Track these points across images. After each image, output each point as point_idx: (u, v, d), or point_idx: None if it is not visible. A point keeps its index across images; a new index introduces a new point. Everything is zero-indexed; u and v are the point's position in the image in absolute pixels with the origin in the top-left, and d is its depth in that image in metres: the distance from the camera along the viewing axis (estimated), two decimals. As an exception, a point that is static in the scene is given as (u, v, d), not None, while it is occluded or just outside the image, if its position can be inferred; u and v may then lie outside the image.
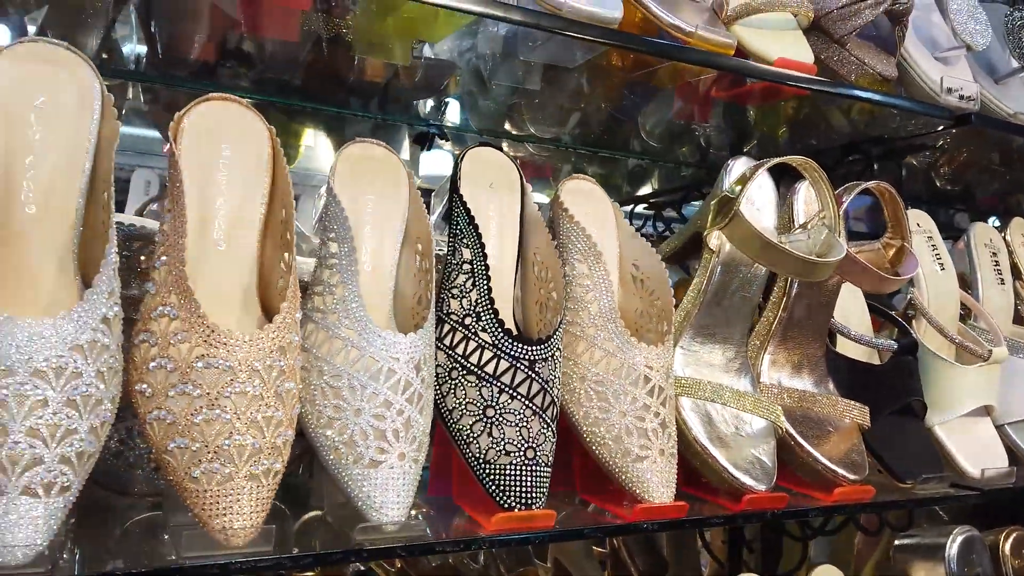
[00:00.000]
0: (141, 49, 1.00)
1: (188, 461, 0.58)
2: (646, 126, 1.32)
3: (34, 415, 0.52)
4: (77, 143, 0.62)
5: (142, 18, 0.93)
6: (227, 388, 0.58)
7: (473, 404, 0.72)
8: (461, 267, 0.77)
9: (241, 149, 0.69)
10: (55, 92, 0.62)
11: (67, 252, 0.61)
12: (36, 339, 0.53)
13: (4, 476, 0.51)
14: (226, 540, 0.57)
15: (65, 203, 0.61)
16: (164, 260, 0.61)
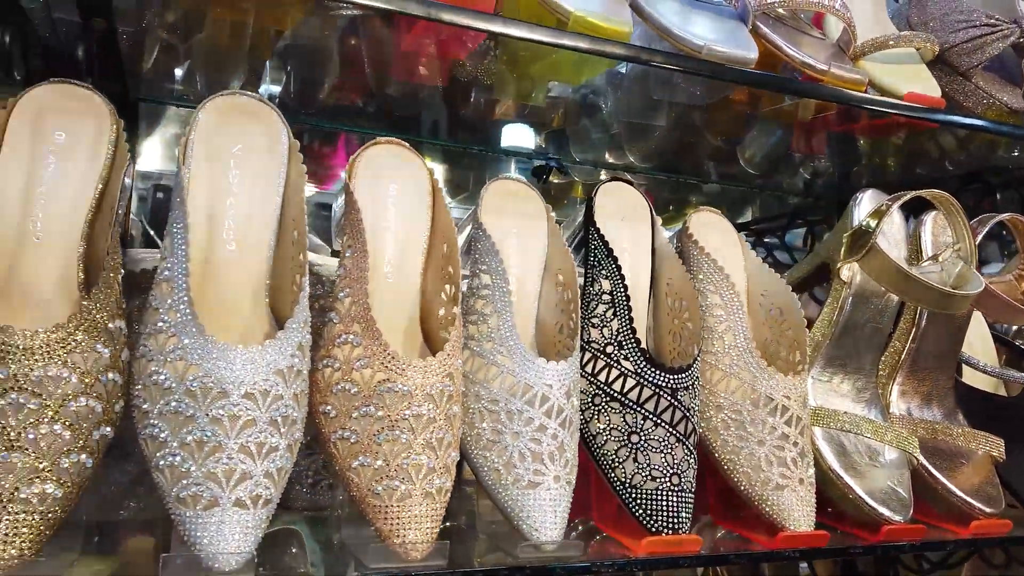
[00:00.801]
0: (274, 89, 1.07)
1: (371, 478, 0.62)
2: (753, 156, 1.34)
3: (244, 433, 0.57)
4: (269, 186, 0.68)
5: (281, 63, 1.01)
6: (405, 411, 0.63)
7: (617, 430, 0.75)
8: (600, 297, 0.81)
9: (406, 188, 0.75)
10: (250, 139, 0.68)
11: (260, 284, 0.67)
12: (248, 364, 0.58)
13: (219, 488, 0.56)
14: (406, 554, 0.61)
15: (260, 240, 0.67)
16: (347, 292, 0.66)
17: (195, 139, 0.66)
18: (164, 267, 0.61)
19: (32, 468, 0.52)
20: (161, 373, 0.58)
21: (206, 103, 0.67)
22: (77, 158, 0.64)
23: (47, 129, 0.63)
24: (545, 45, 0.69)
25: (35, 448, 0.52)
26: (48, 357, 0.54)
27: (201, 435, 0.56)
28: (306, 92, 1.05)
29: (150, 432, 0.58)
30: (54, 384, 0.54)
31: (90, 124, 0.64)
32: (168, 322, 0.59)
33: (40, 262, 0.61)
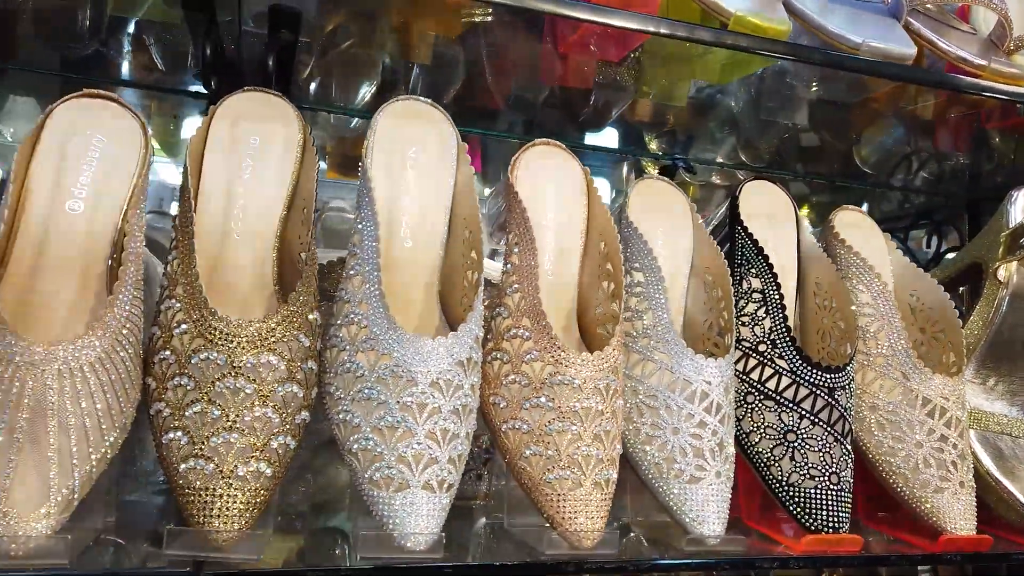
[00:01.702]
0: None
1: (543, 467, 0.65)
2: (873, 154, 1.31)
3: (431, 420, 0.61)
4: (441, 185, 0.71)
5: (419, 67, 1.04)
6: (575, 403, 0.65)
7: (772, 428, 0.75)
8: (750, 296, 0.81)
9: (562, 187, 0.77)
10: (424, 142, 0.71)
11: (433, 279, 0.70)
12: (434, 355, 0.61)
13: (409, 472, 0.59)
14: (578, 541, 0.63)
15: (433, 237, 0.70)
16: (516, 287, 0.69)
17: (374, 142, 0.69)
18: (353, 263, 0.64)
19: (248, 448, 0.56)
20: (353, 362, 0.62)
21: (385, 108, 0.71)
22: (270, 161, 0.68)
23: (243, 134, 0.68)
24: (709, 45, 0.70)
25: (250, 429, 0.57)
26: (260, 345, 0.58)
27: (392, 420, 0.60)
28: (439, 96, 1.09)
29: (343, 417, 0.62)
30: (265, 370, 0.58)
31: (281, 129, 0.69)
32: (360, 314, 0.62)
33: (239, 258, 0.66)
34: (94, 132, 0.64)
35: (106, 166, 0.63)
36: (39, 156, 0.62)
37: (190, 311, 0.58)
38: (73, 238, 0.61)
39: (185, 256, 0.60)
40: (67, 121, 0.63)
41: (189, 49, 0.93)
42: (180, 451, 0.56)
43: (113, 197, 0.63)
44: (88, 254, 0.62)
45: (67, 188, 0.62)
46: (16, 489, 0.51)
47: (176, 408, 0.57)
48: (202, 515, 0.55)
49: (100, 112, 0.64)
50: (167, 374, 0.58)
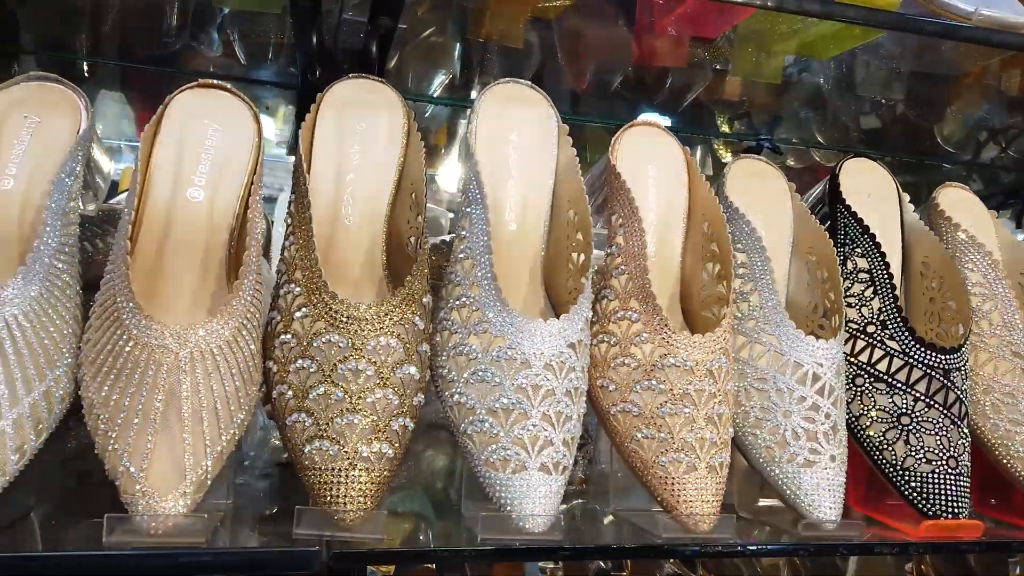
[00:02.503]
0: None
1: (656, 450, 0.64)
2: (959, 130, 1.26)
3: (545, 403, 0.60)
4: (543, 168, 0.71)
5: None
6: (688, 386, 0.64)
7: (884, 411, 0.73)
8: (856, 276, 0.79)
9: (663, 168, 0.76)
10: (525, 125, 0.71)
11: (536, 262, 0.70)
12: (547, 337, 0.61)
13: (526, 454, 0.59)
14: (695, 525, 0.63)
15: (536, 220, 0.70)
16: (623, 269, 0.68)
17: (478, 126, 0.69)
18: (464, 246, 0.65)
19: (371, 429, 0.57)
20: (465, 344, 0.62)
21: (486, 91, 0.71)
22: (377, 147, 0.69)
23: (350, 120, 0.69)
24: (817, 17, 0.68)
25: (372, 411, 0.57)
26: (380, 328, 0.58)
27: (507, 402, 0.60)
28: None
29: (457, 399, 0.62)
30: (385, 353, 0.58)
31: (385, 115, 0.69)
32: (472, 297, 0.63)
33: (350, 243, 0.67)
34: (209, 122, 0.65)
35: (222, 154, 0.65)
36: (159, 146, 0.63)
37: (310, 295, 0.59)
38: (194, 225, 0.63)
39: (304, 242, 0.61)
40: (183, 111, 0.65)
41: (271, 40, 0.95)
42: (305, 432, 0.57)
43: (230, 185, 0.64)
44: (208, 240, 0.63)
45: (187, 176, 0.63)
46: (153, 470, 0.53)
47: (299, 391, 0.58)
48: (329, 495, 0.56)
49: (213, 101, 0.66)
50: (288, 357, 0.59)
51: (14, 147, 0.62)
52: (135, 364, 0.54)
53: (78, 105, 0.65)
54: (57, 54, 1.04)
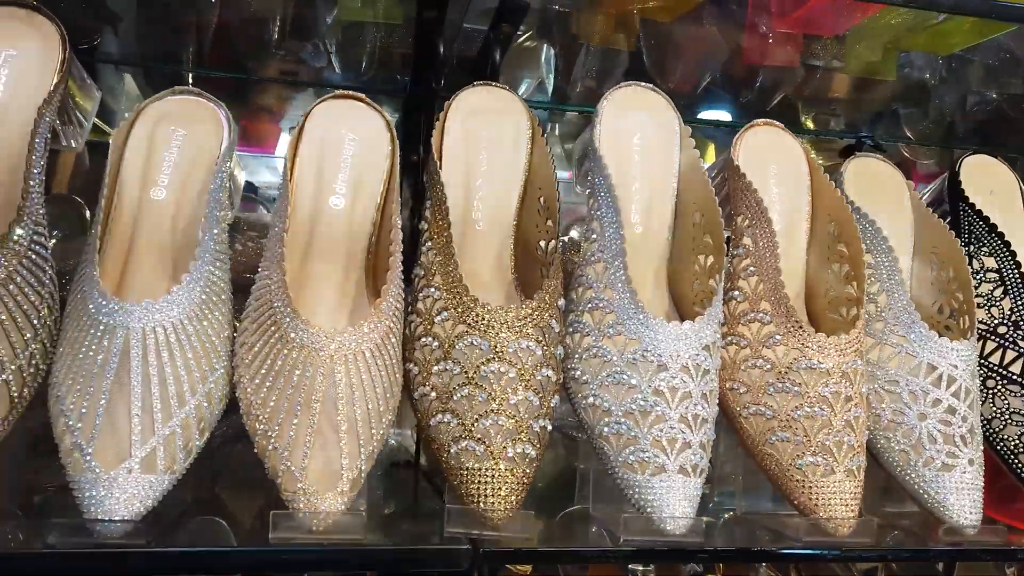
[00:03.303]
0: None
1: (792, 454, 0.63)
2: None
3: (683, 405, 0.61)
4: (667, 170, 0.71)
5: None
6: (823, 388, 0.64)
7: (1020, 414, 0.71)
8: (984, 275, 0.77)
9: (784, 168, 0.75)
10: (648, 128, 0.72)
11: (662, 264, 0.71)
12: (682, 339, 0.61)
13: (664, 456, 0.60)
14: (834, 529, 0.62)
15: (661, 222, 0.71)
16: (753, 271, 0.68)
17: (602, 130, 0.70)
18: (594, 249, 0.65)
19: (514, 430, 0.58)
20: (599, 347, 0.63)
21: (609, 95, 0.71)
22: (504, 152, 0.70)
23: (477, 127, 0.70)
24: (940, 11, 0.67)
25: (515, 412, 0.58)
26: (520, 332, 0.59)
27: (645, 405, 0.60)
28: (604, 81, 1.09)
29: (591, 401, 0.63)
30: (525, 355, 0.59)
31: (511, 121, 0.70)
32: (605, 300, 0.63)
33: (480, 248, 0.68)
34: (347, 131, 0.67)
35: (360, 162, 0.67)
36: (302, 155, 0.65)
37: (450, 299, 0.60)
38: (336, 231, 0.65)
39: (442, 247, 0.62)
40: (322, 122, 0.67)
41: (369, 48, 0.96)
42: (450, 433, 0.58)
43: (369, 192, 0.66)
44: (349, 246, 0.65)
45: (329, 185, 0.66)
46: (312, 469, 0.55)
47: (443, 392, 0.59)
48: (477, 494, 0.57)
49: (349, 112, 0.68)
50: (430, 359, 0.61)
51: (165, 159, 0.65)
52: (292, 367, 0.56)
53: (220, 118, 0.67)
54: (161, 65, 1.08)
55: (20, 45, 0.61)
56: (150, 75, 1.10)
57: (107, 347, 0.53)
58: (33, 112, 0.60)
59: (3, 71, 0.60)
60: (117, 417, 0.52)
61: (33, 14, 0.61)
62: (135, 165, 0.64)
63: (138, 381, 0.53)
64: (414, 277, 0.65)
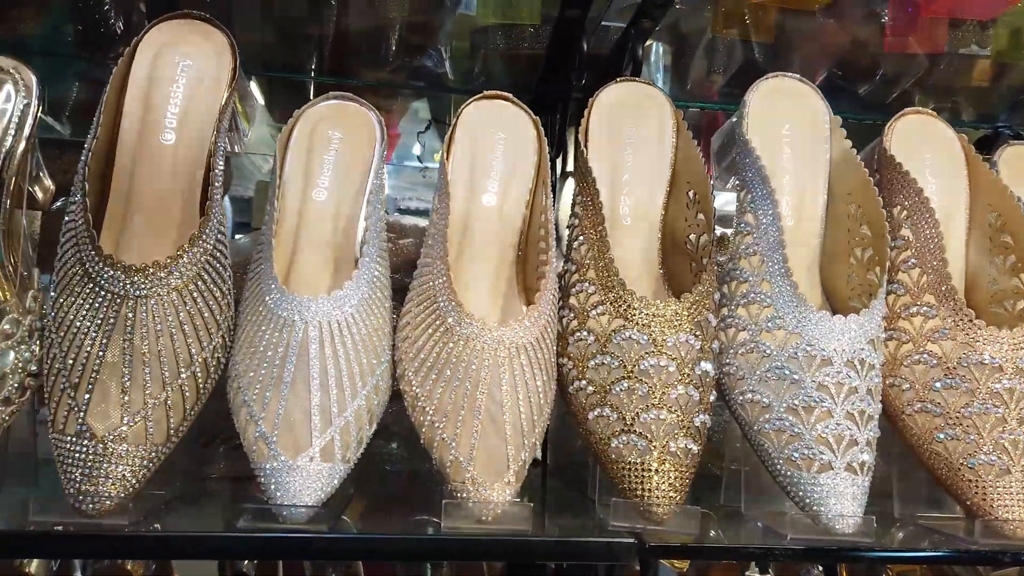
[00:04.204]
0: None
1: (962, 452, 0.61)
2: None
3: (849, 400, 0.59)
4: (818, 162, 0.70)
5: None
6: (996, 384, 0.61)
7: None
8: None
9: (938, 157, 0.73)
10: (795, 119, 0.70)
11: (814, 259, 0.69)
12: (847, 333, 0.60)
13: (831, 453, 0.58)
14: (1011, 531, 0.59)
15: (813, 215, 0.70)
16: (914, 263, 0.66)
17: (750, 122, 0.69)
18: (748, 242, 0.64)
19: (675, 424, 0.58)
20: (757, 341, 0.62)
21: (756, 86, 0.70)
22: (648, 147, 0.70)
23: (620, 123, 0.70)
24: None
25: (676, 406, 0.58)
26: (678, 325, 0.59)
27: (808, 400, 0.59)
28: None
29: (749, 397, 0.61)
30: (684, 349, 0.59)
31: (654, 115, 0.70)
32: (762, 293, 0.62)
33: (627, 243, 0.68)
34: (496, 131, 0.68)
35: (509, 161, 0.68)
36: (455, 156, 0.67)
37: (607, 293, 0.61)
38: (489, 229, 0.66)
39: (597, 242, 0.62)
40: (472, 123, 0.68)
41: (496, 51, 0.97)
42: (610, 427, 0.59)
43: (518, 190, 0.67)
44: (501, 244, 0.66)
45: (481, 183, 0.67)
46: (479, 459, 0.56)
47: (600, 386, 0.59)
48: (640, 488, 0.57)
49: (497, 111, 0.69)
50: (585, 354, 0.61)
51: (324, 162, 0.68)
52: (457, 360, 0.57)
53: (372, 121, 0.69)
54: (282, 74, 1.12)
55: (195, 55, 0.64)
56: (273, 82, 1.15)
57: (286, 340, 0.55)
58: (207, 118, 0.64)
59: (181, 79, 0.64)
60: (297, 408, 0.55)
61: (206, 25, 0.65)
62: (297, 167, 0.67)
63: (316, 373, 0.55)
64: (564, 272, 0.66)
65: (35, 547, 0.54)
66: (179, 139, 0.63)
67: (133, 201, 0.62)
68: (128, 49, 0.63)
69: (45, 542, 0.50)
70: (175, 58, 0.64)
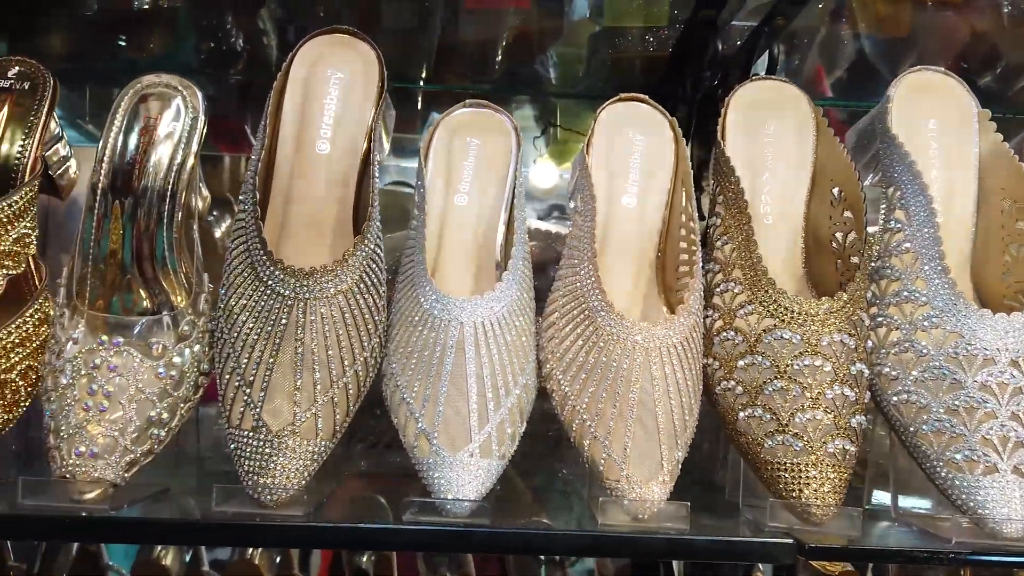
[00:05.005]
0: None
1: None
2: None
3: (1013, 401, 0.57)
4: (965, 157, 0.68)
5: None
6: None
7: None
8: None
9: None
10: (944, 113, 0.69)
11: (964, 256, 0.67)
12: (1011, 332, 0.57)
13: (996, 455, 0.56)
14: None
15: (964, 211, 0.67)
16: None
17: (895, 117, 0.67)
18: (900, 239, 0.63)
19: (832, 425, 0.57)
20: (911, 341, 0.60)
21: (900, 80, 0.69)
22: (787, 145, 0.69)
23: (757, 121, 0.70)
24: None
25: (832, 407, 0.57)
26: (833, 325, 0.58)
27: (970, 401, 0.57)
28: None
29: (904, 398, 0.60)
30: (839, 349, 0.58)
31: (791, 113, 0.70)
32: (916, 292, 0.61)
33: (769, 242, 0.68)
34: (634, 132, 0.69)
35: (647, 162, 0.68)
36: (594, 157, 0.68)
37: (755, 293, 0.60)
38: (629, 229, 0.67)
39: (744, 241, 0.62)
40: (610, 124, 0.69)
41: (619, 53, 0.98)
42: (763, 427, 0.58)
43: (657, 191, 0.67)
44: (641, 244, 0.67)
45: (621, 185, 0.68)
46: (633, 457, 0.56)
47: (751, 386, 0.59)
48: (796, 489, 0.56)
49: (634, 112, 0.69)
50: (733, 354, 0.61)
51: (464, 168, 0.70)
52: (608, 359, 0.57)
53: (508, 127, 0.71)
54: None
55: (344, 67, 0.67)
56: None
57: (443, 340, 0.57)
58: (357, 127, 0.66)
59: (334, 91, 0.67)
60: (456, 406, 0.56)
61: (354, 39, 0.68)
62: (438, 174, 0.69)
63: (472, 371, 0.57)
64: (705, 272, 0.65)
65: (215, 536, 0.57)
66: (333, 148, 0.66)
67: (291, 207, 0.65)
68: (284, 64, 0.66)
69: (223, 532, 0.53)
70: (327, 71, 0.67)
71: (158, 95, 0.66)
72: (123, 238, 0.62)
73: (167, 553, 1.10)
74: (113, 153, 0.63)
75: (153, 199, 0.62)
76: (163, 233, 0.62)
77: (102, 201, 0.62)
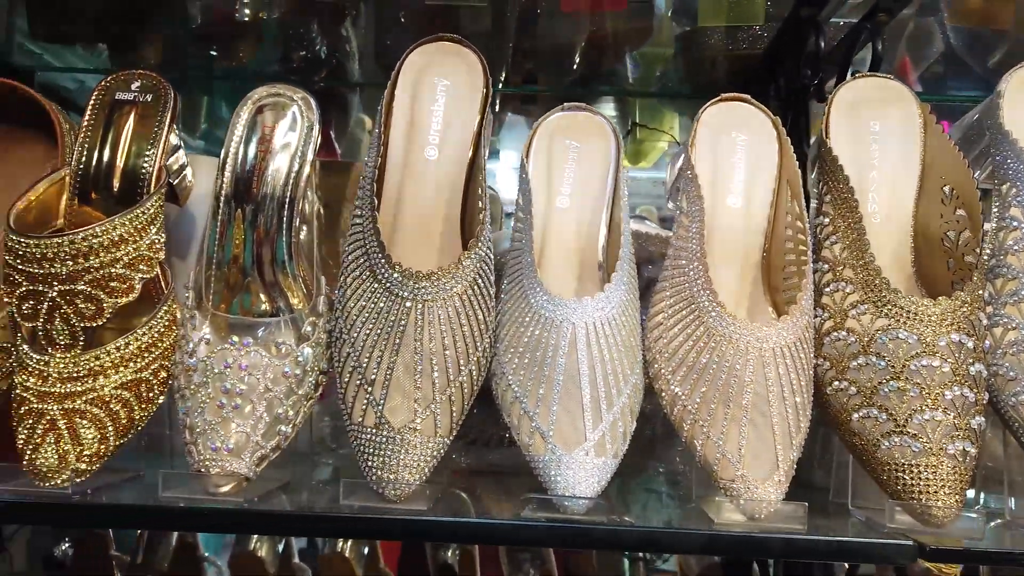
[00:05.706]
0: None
1: None
2: None
3: None
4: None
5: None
6: None
7: None
8: None
9: None
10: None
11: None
12: None
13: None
14: None
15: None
16: None
17: (1006, 114, 0.66)
18: (1018, 237, 0.61)
19: (952, 427, 0.56)
20: None
21: (1010, 76, 0.67)
22: (893, 143, 0.69)
23: (862, 119, 0.69)
24: None
25: (952, 408, 0.56)
26: (950, 325, 0.58)
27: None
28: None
29: (1018, 399, 0.59)
30: (957, 349, 0.57)
31: (896, 110, 0.69)
32: None
33: (878, 241, 0.67)
34: (736, 133, 0.69)
35: (752, 163, 0.68)
36: (699, 159, 0.68)
37: (868, 292, 0.60)
38: (735, 229, 0.67)
39: (854, 240, 0.62)
40: (713, 125, 0.69)
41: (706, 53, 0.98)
42: (879, 428, 0.58)
43: (762, 191, 0.67)
44: (746, 244, 0.67)
45: (725, 185, 0.68)
46: (748, 457, 0.56)
47: (865, 387, 0.59)
48: (916, 490, 0.56)
49: (737, 113, 0.69)
50: (845, 354, 0.60)
51: (564, 171, 0.71)
52: (720, 359, 0.58)
53: (606, 129, 0.72)
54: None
55: (451, 75, 0.69)
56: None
57: (555, 341, 0.58)
58: (464, 133, 0.68)
59: (441, 98, 0.68)
60: (569, 405, 0.57)
61: (460, 46, 0.69)
62: (540, 176, 0.70)
63: (585, 371, 0.57)
64: (815, 271, 0.65)
65: (345, 528, 0.59)
66: (441, 154, 0.68)
67: (402, 212, 0.67)
68: (392, 74, 0.68)
69: (352, 525, 0.56)
70: (434, 79, 0.68)
71: (273, 105, 0.68)
72: (244, 243, 0.65)
73: (262, 545, 1.14)
74: (235, 162, 0.66)
75: (273, 206, 0.65)
76: (282, 239, 0.64)
77: (225, 208, 0.65)
